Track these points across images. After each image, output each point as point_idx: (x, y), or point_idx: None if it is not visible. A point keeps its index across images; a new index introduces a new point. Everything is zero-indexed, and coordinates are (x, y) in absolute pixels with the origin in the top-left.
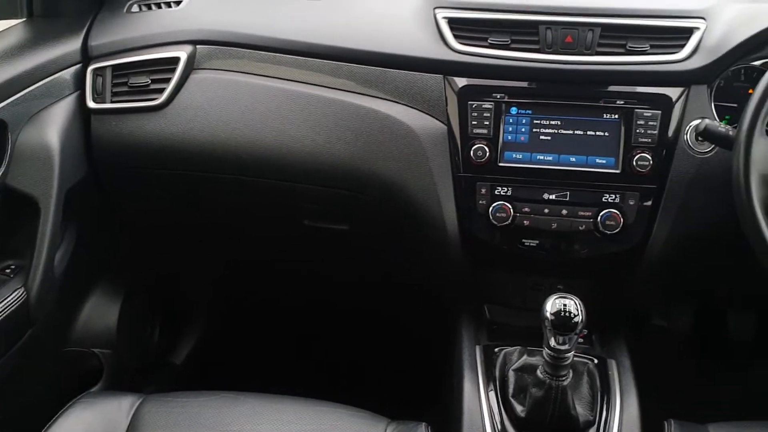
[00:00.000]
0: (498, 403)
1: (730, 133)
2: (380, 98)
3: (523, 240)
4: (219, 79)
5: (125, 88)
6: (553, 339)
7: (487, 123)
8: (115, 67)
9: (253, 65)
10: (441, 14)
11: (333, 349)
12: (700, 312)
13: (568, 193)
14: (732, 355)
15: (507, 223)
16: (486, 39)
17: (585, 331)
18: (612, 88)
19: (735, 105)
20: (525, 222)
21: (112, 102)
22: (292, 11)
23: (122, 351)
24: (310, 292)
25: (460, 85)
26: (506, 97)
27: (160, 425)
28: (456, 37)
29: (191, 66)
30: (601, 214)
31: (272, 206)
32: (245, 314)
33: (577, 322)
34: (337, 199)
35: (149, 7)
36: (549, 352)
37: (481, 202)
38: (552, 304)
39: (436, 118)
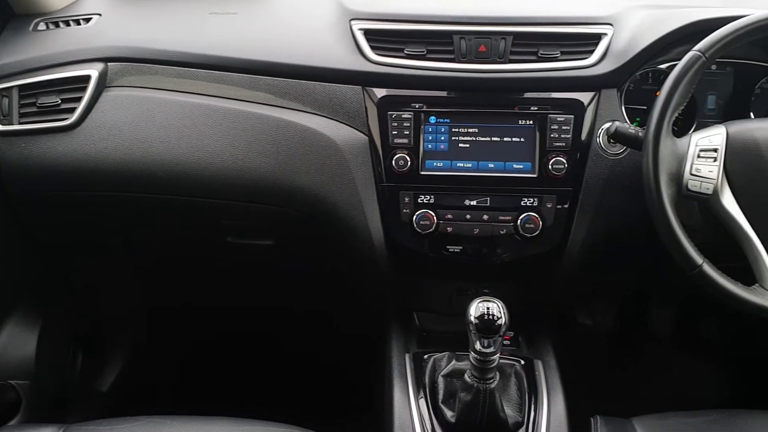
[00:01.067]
0: (428, 409)
1: (640, 134)
2: (300, 110)
3: (447, 246)
4: (132, 97)
5: (34, 109)
6: (478, 342)
7: (408, 132)
8: (22, 87)
9: (167, 81)
10: (357, 26)
11: (262, 364)
12: (623, 309)
13: (488, 198)
14: (654, 348)
15: (431, 230)
16: (402, 50)
17: (511, 333)
18: (526, 94)
19: (644, 107)
20: (448, 229)
21: (20, 123)
22: (207, 25)
23: (42, 381)
24: (236, 307)
25: (379, 96)
26: (425, 106)
27: None
28: (373, 48)
29: (103, 84)
30: (520, 217)
31: (193, 224)
32: (172, 334)
33: (501, 324)
34: (259, 215)
35: (57, 25)
36: (475, 355)
37: (404, 210)
38: (476, 308)
39: (357, 129)
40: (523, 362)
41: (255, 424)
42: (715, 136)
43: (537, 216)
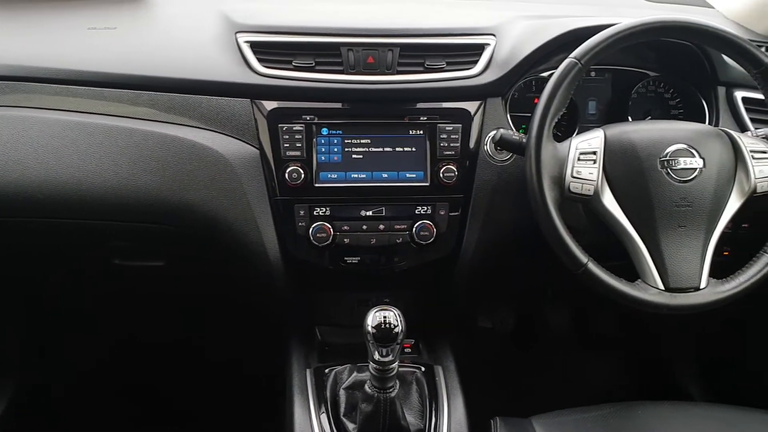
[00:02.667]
0: (330, 424)
1: (523, 140)
2: (186, 125)
3: (345, 258)
4: (7, 117)
5: None
6: (376, 352)
7: (300, 145)
8: None
9: (45, 99)
10: (243, 38)
11: (161, 385)
12: (521, 310)
13: (383, 208)
14: (552, 347)
15: (328, 242)
16: (290, 62)
17: (412, 341)
18: (415, 105)
19: (529, 114)
20: (345, 240)
21: None
22: (86, 41)
23: None
24: (130, 328)
25: (268, 109)
26: (316, 118)
27: None
28: (260, 60)
29: None
30: (415, 225)
31: (76, 247)
32: (61, 359)
33: (398, 332)
34: (148, 234)
35: None
36: (374, 365)
37: (300, 224)
38: (373, 318)
39: (248, 143)
40: (423, 369)
41: None
42: (593, 140)
43: (431, 223)
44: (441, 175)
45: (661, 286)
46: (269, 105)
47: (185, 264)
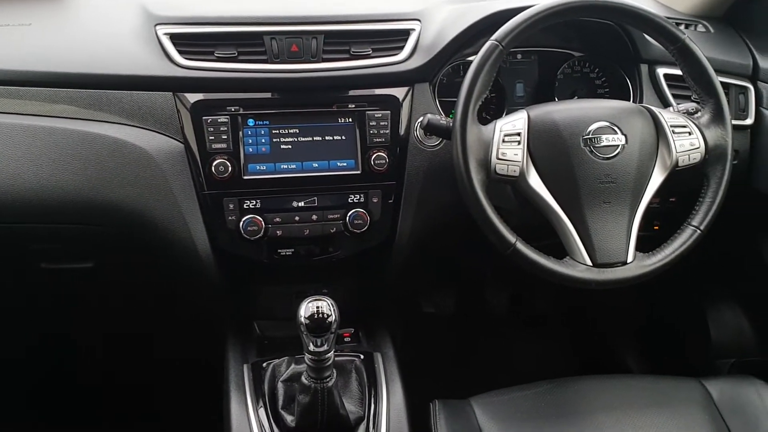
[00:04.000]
0: (268, 417)
1: (450, 124)
2: (108, 122)
3: (279, 250)
4: None
5: None
6: (311, 343)
7: (225, 137)
8: None
9: None
10: (162, 30)
11: (103, 384)
12: (462, 294)
13: (315, 198)
14: (493, 329)
15: (260, 235)
16: (212, 53)
17: (351, 330)
18: (342, 92)
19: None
20: (278, 232)
21: None
22: None
23: None
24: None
25: (192, 101)
26: (241, 109)
27: None
28: (181, 52)
29: None
30: (348, 214)
31: None
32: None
33: (332, 321)
34: (74, 236)
35: None
36: (310, 356)
37: (230, 218)
38: (306, 308)
39: (172, 137)
40: (362, 357)
41: None
42: (517, 121)
43: (365, 211)
44: (372, 162)
45: (589, 262)
46: (192, 98)
47: (114, 265)
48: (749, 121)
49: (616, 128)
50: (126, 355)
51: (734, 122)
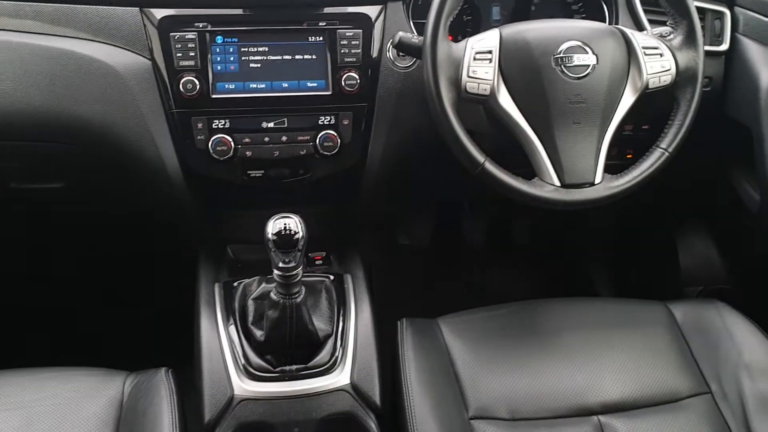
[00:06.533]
0: (238, 333)
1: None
2: (74, 38)
3: (248, 171)
4: None
5: None
6: (279, 260)
7: (193, 54)
8: None
9: None
10: None
11: (69, 314)
12: (438, 224)
13: (285, 119)
14: (469, 257)
15: (229, 156)
16: None
17: (323, 254)
18: (313, 10)
19: None
20: (247, 153)
21: None
22: None
23: None
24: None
25: (158, 17)
26: (209, 25)
27: None
28: None
29: None
30: (319, 136)
31: None
32: None
33: (299, 238)
34: (42, 154)
35: None
36: (278, 272)
37: (199, 137)
38: (273, 225)
39: (139, 54)
40: (333, 278)
41: (55, 371)
42: (489, 39)
43: (335, 134)
44: (343, 83)
45: (557, 183)
46: (159, 13)
47: (85, 186)
48: (724, 47)
49: (587, 48)
50: (94, 277)
51: (709, 48)
